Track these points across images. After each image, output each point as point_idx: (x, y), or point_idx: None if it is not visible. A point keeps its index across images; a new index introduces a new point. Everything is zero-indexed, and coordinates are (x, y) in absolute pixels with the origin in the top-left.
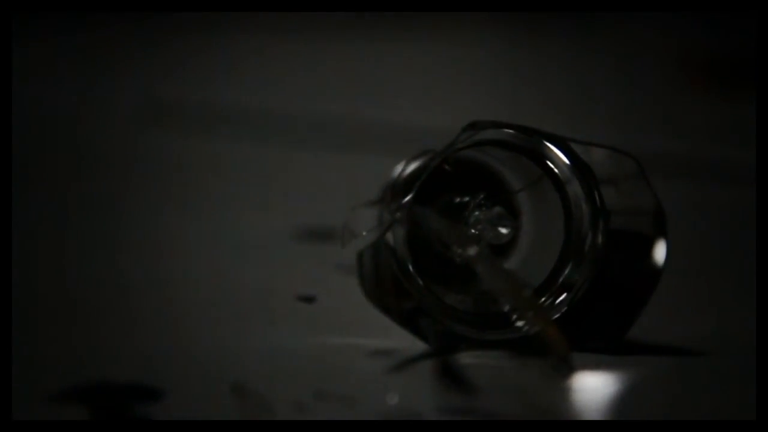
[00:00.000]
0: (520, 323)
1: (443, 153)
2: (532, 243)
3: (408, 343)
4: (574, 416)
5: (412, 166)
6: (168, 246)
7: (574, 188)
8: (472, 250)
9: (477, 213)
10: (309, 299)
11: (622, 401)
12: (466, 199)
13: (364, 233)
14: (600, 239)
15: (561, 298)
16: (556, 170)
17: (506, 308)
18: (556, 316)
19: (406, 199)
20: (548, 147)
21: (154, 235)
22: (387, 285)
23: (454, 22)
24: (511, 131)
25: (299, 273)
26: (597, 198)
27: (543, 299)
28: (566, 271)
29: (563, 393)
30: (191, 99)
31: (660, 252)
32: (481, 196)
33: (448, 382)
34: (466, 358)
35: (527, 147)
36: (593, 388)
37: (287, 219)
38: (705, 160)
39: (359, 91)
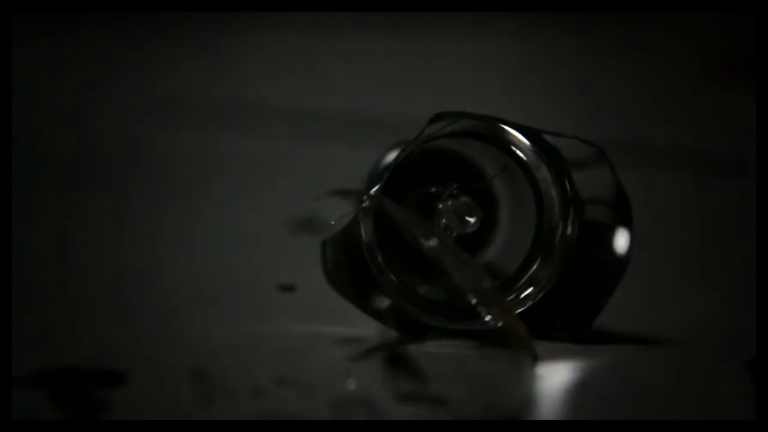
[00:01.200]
0: (485, 315)
1: (410, 145)
2: (508, 234)
3: (378, 331)
4: (532, 405)
5: (389, 157)
6: (151, 236)
7: (543, 175)
8: (432, 242)
9: (449, 203)
10: (289, 288)
11: (585, 391)
12: (441, 189)
13: (332, 222)
14: (570, 230)
15: (527, 292)
16: (524, 158)
17: (472, 300)
18: (520, 309)
19: (373, 189)
20: (514, 135)
21: (136, 227)
22: (345, 273)
23: (451, 18)
24: (478, 122)
25: (283, 263)
26: (567, 184)
27: (507, 293)
28: (534, 266)
29: (524, 383)
30: (178, 94)
31: (626, 241)
32: (454, 186)
33: (397, 370)
34: (431, 347)
35: (494, 136)
36: (556, 378)
37: (274, 209)
38: (692, 152)
39: (349, 85)
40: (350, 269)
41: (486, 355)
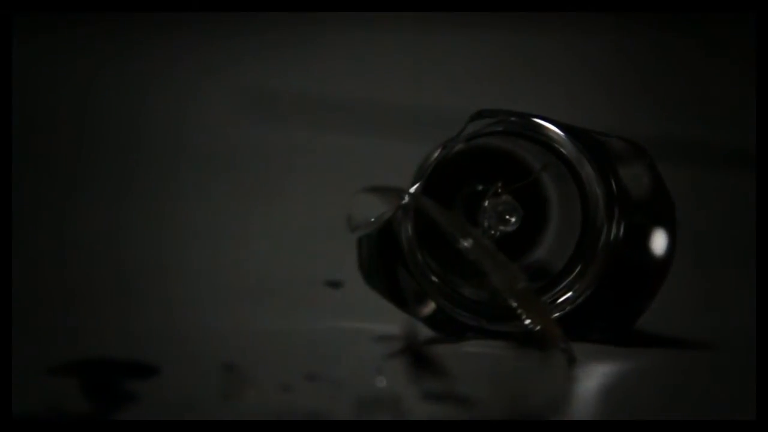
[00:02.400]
0: (523, 317)
1: (451, 142)
2: (557, 232)
3: (404, 328)
4: (562, 405)
5: (435, 154)
6: (188, 232)
7: (587, 172)
8: (467, 242)
9: (491, 201)
10: (336, 284)
11: (616, 393)
12: (488, 187)
13: (371, 219)
14: (614, 233)
15: (566, 296)
16: (567, 155)
17: (511, 301)
18: (559, 314)
19: (413, 187)
20: (555, 132)
21: (184, 221)
22: (381, 270)
23: (503, 17)
24: (518, 119)
25: (326, 258)
26: (612, 182)
27: (546, 296)
28: (576, 271)
29: (555, 384)
30: (189, 89)
31: (669, 243)
32: (499, 184)
33: (420, 368)
34: (468, 347)
35: (536, 134)
36: (589, 380)
37: (318, 204)
38: (715, 148)
39: (405, 81)
40: (387, 266)
41: (521, 356)
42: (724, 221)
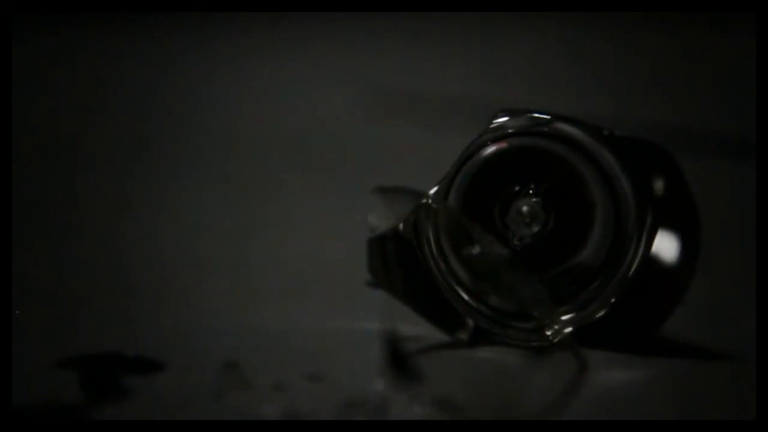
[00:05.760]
0: (544, 328)
1: (474, 143)
2: (600, 236)
3: (435, 333)
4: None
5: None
6: (205, 227)
7: (615, 172)
8: (475, 249)
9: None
10: (374, 284)
11: (627, 400)
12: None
13: (387, 219)
14: (643, 247)
15: (593, 303)
16: (593, 154)
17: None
18: (584, 321)
19: (433, 190)
20: (578, 132)
21: (188, 219)
22: (391, 270)
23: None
24: (542, 118)
25: (345, 258)
26: (645, 189)
27: (574, 301)
28: (603, 277)
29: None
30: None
31: (693, 250)
32: (531, 185)
33: (395, 370)
34: (483, 352)
35: (561, 134)
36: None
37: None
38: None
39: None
40: (398, 268)
41: (531, 362)
42: (735, 222)
